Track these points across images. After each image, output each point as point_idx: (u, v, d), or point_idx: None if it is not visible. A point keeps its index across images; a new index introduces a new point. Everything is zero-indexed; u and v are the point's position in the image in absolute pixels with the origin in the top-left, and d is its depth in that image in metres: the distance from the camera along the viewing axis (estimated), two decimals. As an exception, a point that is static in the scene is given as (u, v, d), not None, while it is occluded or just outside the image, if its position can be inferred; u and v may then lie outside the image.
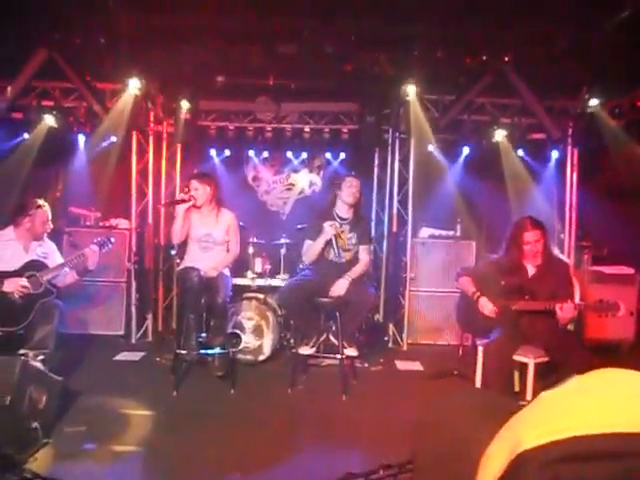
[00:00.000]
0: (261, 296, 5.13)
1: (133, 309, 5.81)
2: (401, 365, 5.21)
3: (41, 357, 3.65)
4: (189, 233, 4.50)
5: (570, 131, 5.88)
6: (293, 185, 7.32)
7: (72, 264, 4.11)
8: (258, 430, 3.56)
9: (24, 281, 3.86)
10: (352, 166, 6.77)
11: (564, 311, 3.43)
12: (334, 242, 4.34)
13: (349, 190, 4.40)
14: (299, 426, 3.65)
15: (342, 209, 4.46)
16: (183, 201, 4.36)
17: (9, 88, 5.42)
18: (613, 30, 4.64)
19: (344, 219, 4.47)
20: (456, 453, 0.58)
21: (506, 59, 5.34)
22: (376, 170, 6.83)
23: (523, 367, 3.72)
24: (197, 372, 4.53)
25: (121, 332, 5.84)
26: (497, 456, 0.54)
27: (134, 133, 5.82)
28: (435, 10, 4.77)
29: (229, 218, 4.61)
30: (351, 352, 4.32)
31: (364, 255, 4.54)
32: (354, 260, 4.49)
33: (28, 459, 2.92)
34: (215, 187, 4.59)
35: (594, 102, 5.40)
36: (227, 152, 7.01)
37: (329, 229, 4.27)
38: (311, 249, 4.42)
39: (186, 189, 4.49)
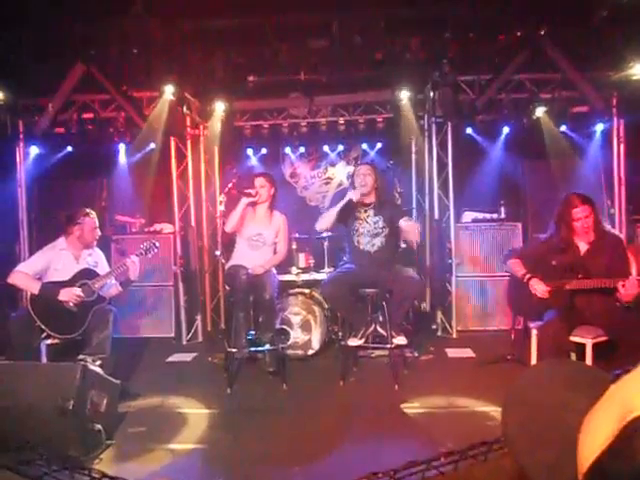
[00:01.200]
0: (307, 291, 5.15)
1: (182, 311, 5.93)
2: (452, 353, 5.14)
3: (99, 362, 3.76)
4: (240, 230, 4.56)
5: (614, 102, 5.65)
6: (331, 179, 7.31)
7: (115, 275, 4.21)
8: (313, 423, 3.57)
9: (78, 290, 3.98)
10: (389, 155, 6.71)
11: (628, 287, 3.29)
12: (356, 225, 4.32)
13: (359, 179, 4.33)
14: (353, 418, 3.64)
15: (362, 192, 4.33)
16: (250, 195, 4.44)
17: (50, 104, 5.61)
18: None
19: (367, 205, 4.41)
20: (551, 425, 0.55)
21: (542, 32, 5.17)
22: (414, 157, 6.73)
23: (580, 348, 3.60)
24: (249, 369, 4.59)
25: (172, 334, 5.98)
26: (605, 422, 0.51)
27: (172, 138, 5.92)
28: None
29: (281, 221, 4.68)
30: (400, 340, 4.27)
31: (411, 222, 4.39)
32: (387, 247, 4.41)
33: (93, 460, 3.01)
34: (276, 189, 4.69)
35: (638, 70, 5.17)
36: (264, 150, 7.06)
37: (350, 193, 4.24)
38: (326, 214, 4.40)
39: (252, 187, 4.55)
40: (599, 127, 5.99)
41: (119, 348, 4.43)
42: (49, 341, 3.95)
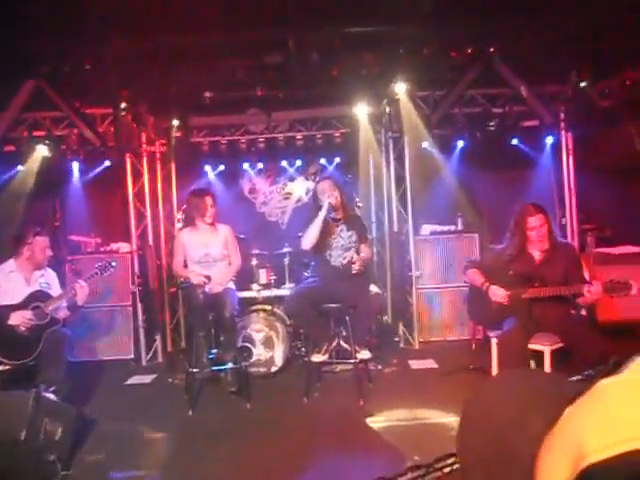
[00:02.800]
0: (268, 307, 5.10)
1: (141, 331, 5.78)
2: (415, 364, 5.17)
3: (53, 388, 3.61)
4: (187, 256, 4.48)
5: (562, 115, 5.87)
6: (290, 194, 7.31)
7: (65, 298, 4.07)
8: (279, 442, 3.52)
9: (29, 313, 3.84)
10: (347, 169, 6.76)
11: (592, 293, 3.37)
12: (330, 241, 4.32)
13: (327, 193, 4.28)
14: (319, 434, 3.60)
15: (331, 208, 4.29)
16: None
17: (-1, 122, 5.43)
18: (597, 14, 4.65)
19: (338, 220, 4.42)
20: (506, 454, 0.54)
21: (492, 50, 5.33)
22: (372, 171, 6.81)
23: (539, 355, 3.68)
24: (211, 389, 4.49)
25: (131, 356, 5.82)
26: (560, 462, 0.49)
27: (127, 155, 5.81)
28: (416, 8, 4.77)
29: (226, 231, 4.60)
30: (364, 355, 4.27)
31: (368, 249, 4.47)
32: (355, 260, 4.42)
33: (48, 492, 2.88)
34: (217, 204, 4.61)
35: (583, 85, 5.39)
36: (221, 167, 7.01)
37: (326, 199, 4.18)
38: (310, 229, 4.24)
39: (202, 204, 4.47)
40: (549, 140, 6.21)
41: (75, 372, 4.27)
42: (0, 368, 3.78)
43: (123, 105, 5.42)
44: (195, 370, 4.16)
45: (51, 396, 3.43)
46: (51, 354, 3.81)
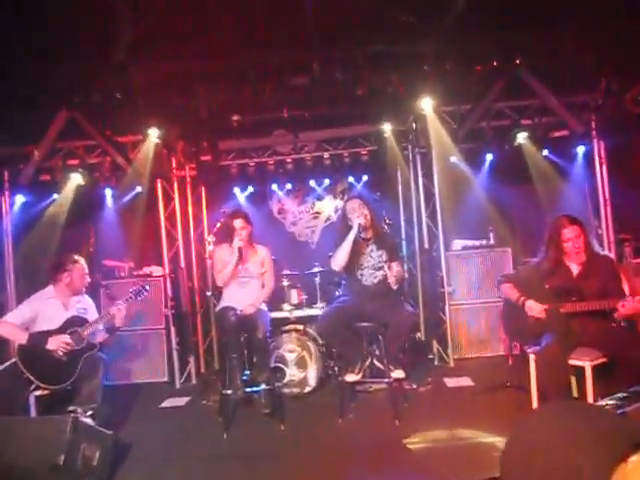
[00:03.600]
0: (300, 327, 5.08)
1: (175, 354, 5.82)
2: (450, 382, 5.06)
3: (90, 412, 3.66)
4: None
5: (593, 124, 5.76)
6: (319, 213, 7.33)
7: (102, 322, 4.15)
8: (313, 466, 3.47)
9: (66, 338, 3.91)
10: (375, 187, 6.75)
11: (626, 308, 3.28)
12: (361, 260, 4.30)
13: (356, 213, 4.28)
14: (355, 456, 3.54)
15: (361, 227, 4.29)
16: (241, 249, 4.41)
17: (35, 152, 5.60)
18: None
19: (368, 239, 4.40)
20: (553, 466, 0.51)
21: (517, 61, 5.28)
22: (400, 188, 6.78)
23: (579, 371, 3.56)
24: (245, 411, 4.48)
25: (165, 378, 5.86)
26: None
27: (158, 181, 5.92)
28: (438, 23, 4.78)
29: (263, 252, 4.64)
30: (398, 374, 4.20)
31: (399, 268, 4.43)
32: (386, 280, 4.38)
33: (87, 517, 2.90)
34: (252, 225, 4.63)
35: (613, 92, 5.29)
36: (250, 188, 7.08)
37: (356, 220, 4.18)
38: (339, 252, 4.26)
39: (224, 229, 4.50)
40: (580, 150, 6.09)
41: (111, 396, 4.33)
42: (38, 392, 3.85)
43: (153, 132, 5.53)
44: (229, 392, 4.15)
45: (88, 420, 3.47)
46: (88, 378, 3.87)
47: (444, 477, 3.01)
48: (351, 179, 7.11)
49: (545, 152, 5.99)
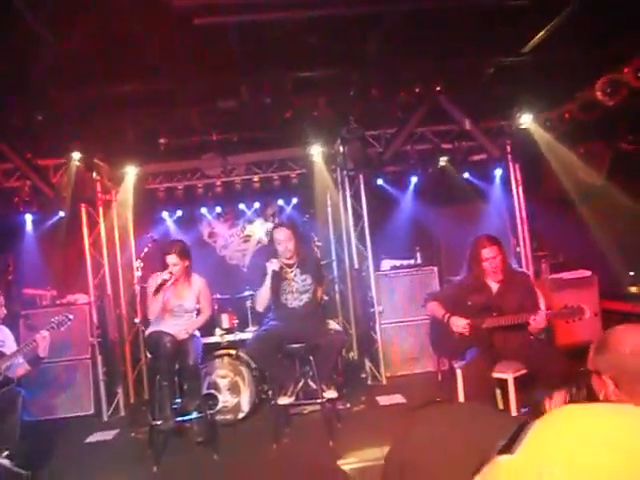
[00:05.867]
0: (233, 352, 5.02)
1: (101, 385, 5.57)
2: (383, 400, 5.15)
3: (6, 452, 3.44)
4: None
5: (509, 148, 6.12)
6: (250, 236, 7.31)
7: (23, 352, 3.92)
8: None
9: (-19, 373, 3.68)
10: (305, 209, 6.83)
11: (537, 322, 3.50)
12: (285, 286, 4.35)
13: (280, 247, 4.35)
14: (290, 481, 3.53)
15: (284, 256, 4.39)
16: (165, 281, 4.25)
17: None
18: (530, 53, 4.94)
19: (291, 265, 4.46)
20: None
21: (438, 89, 5.55)
22: (330, 210, 6.89)
23: (503, 383, 3.73)
24: (177, 441, 4.33)
25: (91, 411, 5.59)
26: None
27: (82, 205, 5.72)
28: (364, 50, 4.96)
29: (200, 284, 4.54)
30: (331, 394, 4.25)
31: (319, 293, 4.56)
32: (314, 301, 4.46)
33: None
34: (190, 258, 4.49)
35: (525, 118, 5.66)
36: (179, 212, 6.98)
37: (269, 265, 4.25)
38: (260, 293, 4.39)
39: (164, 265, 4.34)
40: (498, 172, 6.45)
41: (32, 433, 4.09)
42: (-50, 433, 3.59)
43: (76, 155, 5.36)
44: (159, 422, 4.02)
45: (4, 461, 3.27)
46: (4, 415, 3.64)
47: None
48: (281, 202, 7.16)
49: (466, 174, 6.31)
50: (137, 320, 5.79)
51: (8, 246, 6.14)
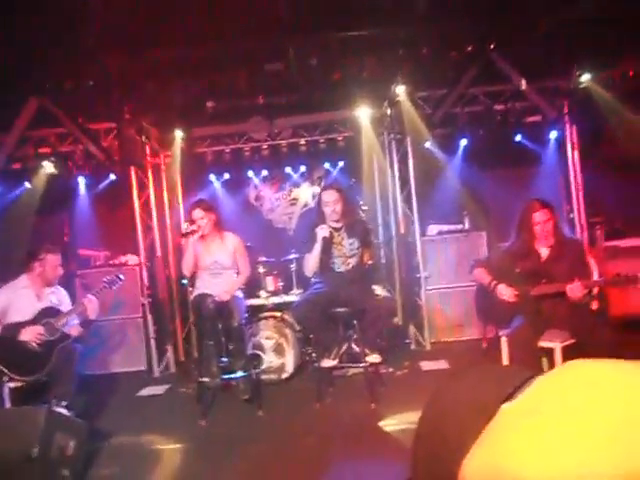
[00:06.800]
0: (278, 314, 5.10)
1: (152, 342, 5.80)
2: (426, 365, 5.14)
3: (64, 403, 3.64)
4: (198, 263, 4.48)
5: (566, 109, 5.83)
6: (296, 200, 7.32)
7: (76, 313, 4.11)
8: (291, 450, 3.52)
9: (40, 329, 3.87)
10: (351, 173, 6.76)
11: (572, 291, 3.39)
12: (333, 250, 4.32)
13: (328, 208, 4.32)
14: (332, 439, 3.59)
15: (332, 219, 4.37)
16: (193, 232, 4.34)
17: (5, 141, 5.50)
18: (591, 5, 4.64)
19: (339, 228, 4.43)
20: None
21: (491, 47, 5.32)
22: (376, 173, 6.79)
23: (550, 352, 3.64)
24: (223, 398, 4.49)
25: (143, 367, 5.84)
26: None
27: (132, 169, 5.85)
28: (414, 9, 4.79)
29: (234, 241, 4.59)
30: (374, 359, 4.26)
31: (366, 257, 4.52)
32: (360, 266, 4.44)
33: (62, 507, 2.90)
34: (217, 213, 4.58)
35: (586, 77, 5.36)
36: (226, 175, 7.03)
37: (320, 231, 4.22)
38: (309, 260, 4.38)
39: (190, 221, 4.44)
40: (553, 135, 6.16)
41: (88, 386, 4.32)
42: (12, 384, 3.82)
43: (125, 119, 5.46)
44: (205, 379, 4.16)
45: (63, 411, 3.46)
46: (62, 369, 3.85)
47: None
48: (327, 165, 7.10)
49: (518, 137, 6.07)
50: (185, 281, 5.94)
51: (63, 208, 6.38)
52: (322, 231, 4.21)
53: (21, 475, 2.84)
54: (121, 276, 4.39)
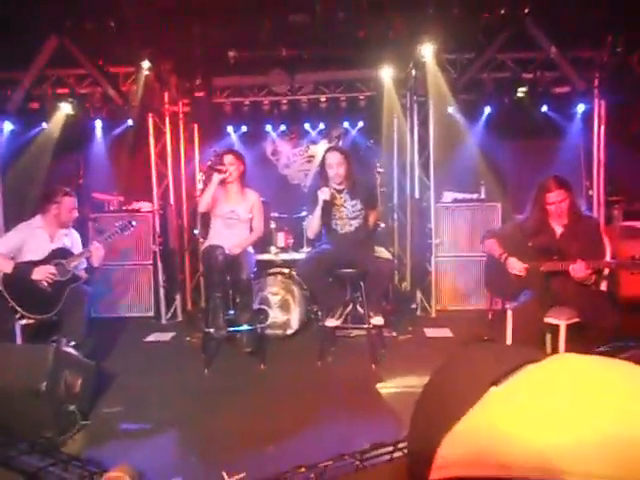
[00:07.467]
0: (286, 270, 5.13)
1: (161, 290, 5.89)
2: (430, 332, 5.18)
3: (73, 342, 3.73)
4: (213, 210, 4.49)
5: (596, 82, 5.64)
6: (313, 157, 7.25)
7: (84, 257, 4.16)
8: (288, 402, 3.60)
9: (52, 268, 3.93)
10: (371, 133, 6.67)
11: (575, 271, 3.35)
12: (334, 212, 4.31)
13: (331, 170, 4.27)
14: (329, 398, 3.67)
15: (334, 182, 4.33)
16: (221, 171, 4.34)
17: (24, 78, 5.46)
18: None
19: (341, 190, 4.38)
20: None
21: (525, 11, 5.12)
22: (396, 136, 6.69)
23: (554, 329, 3.64)
24: (227, 349, 4.57)
25: (151, 313, 5.95)
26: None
27: (150, 115, 5.81)
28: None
29: (254, 198, 4.59)
30: (377, 321, 4.29)
31: (371, 219, 4.51)
32: (364, 228, 4.42)
33: (67, 441, 3.01)
34: (245, 167, 4.58)
35: (620, 48, 5.16)
36: (244, 128, 6.97)
37: (320, 194, 4.18)
38: (311, 221, 4.37)
39: (221, 164, 4.43)
40: (580, 108, 5.99)
41: (97, 328, 4.42)
42: (23, 322, 3.92)
43: (146, 64, 5.39)
44: (211, 330, 4.23)
45: (71, 350, 3.54)
46: (72, 309, 3.92)
47: (407, 422, 3.12)
48: (346, 124, 7.00)
49: (544, 108, 5.90)
50: (196, 231, 5.97)
51: (79, 150, 6.38)
52: (323, 194, 4.18)
53: (29, 409, 2.94)
54: (133, 222, 4.41)
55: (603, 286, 3.78)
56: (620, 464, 0.41)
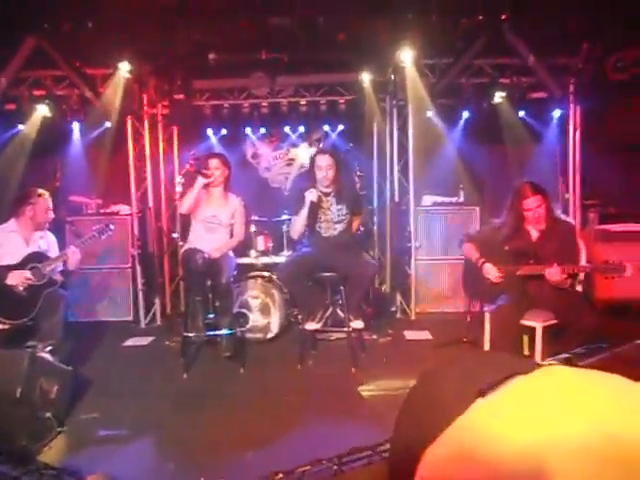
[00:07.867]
0: (266, 274, 5.12)
1: (140, 294, 5.83)
2: (410, 335, 5.21)
3: (49, 348, 3.67)
4: (194, 213, 4.47)
5: (571, 88, 5.74)
6: (293, 160, 7.26)
7: (60, 261, 4.10)
8: (269, 406, 3.59)
9: (27, 273, 3.87)
10: (350, 137, 6.69)
11: (550, 275, 3.41)
12: (320, 214, 4.32)
13: (321, 172, 4.27)
14: (309, 401, 3.67)
15: (322, 184, 4.34)
16: (206, 175, 4.33)
17: (2, 79, 5.37)
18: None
19: (327, 194, 4.40)
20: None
21: (503, 17, 5.19)
22: (375, 139, 6.73)
23: (532, 331, 3.69)
24: (206, 353, 4.55)
25: (130, 317, 5.89)
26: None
27: (128, 117, 5.75)
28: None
29: (236, 203, 4.59)
30: (357, 324, 4.31)
31: (354, 225, 4.54)
32: (348, 231, 4.44)
33: (43, 449, 2.96)
34: (230, 172, 4.58)
35: (596, 56, 5.26)
36: (224, 131, 6.94)
37: (308, 195, 4.19)
38: (296, 222, 4.36)
39: (207, 167, 4.43)
40: (556, 113, 6.09)
41: (75, 333, 4.37)
42: (-2, 327, 3.85)
43: (124, 66, 5.34)
44: (191, 334, 4.21)
45: (47, 356, 3.49)
46: (48, 314, 3.87)
47: (389, 425, 3.14)
48: (327, 127, 7.02)
49: (521, 113, 5.99)
50: (175, 235, 5.94)
51: (56, 153, 6.28)
52: (310, 195, 4.18)
53: (4, 416, 2.88)
54: (111, 226, 4.36)
55: (578, 288, 3.85)
56: (606, 475, 0.42)
